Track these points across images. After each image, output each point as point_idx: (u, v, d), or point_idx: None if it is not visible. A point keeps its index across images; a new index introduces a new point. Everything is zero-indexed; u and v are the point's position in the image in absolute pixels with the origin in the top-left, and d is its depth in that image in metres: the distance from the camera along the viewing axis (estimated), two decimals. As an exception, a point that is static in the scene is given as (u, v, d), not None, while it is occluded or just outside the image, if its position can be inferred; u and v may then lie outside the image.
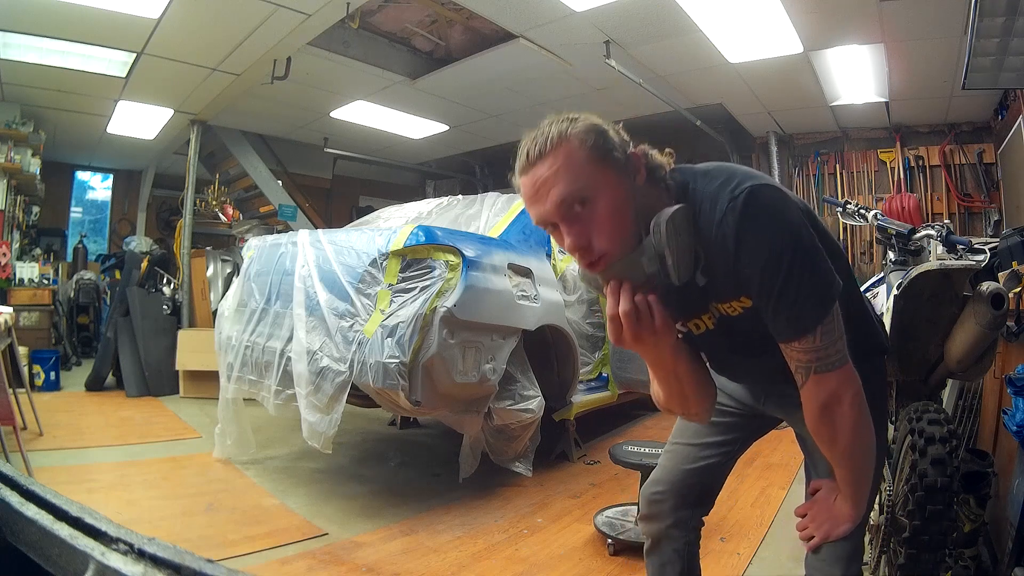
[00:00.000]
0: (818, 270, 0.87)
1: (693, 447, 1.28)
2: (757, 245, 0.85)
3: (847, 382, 0.91)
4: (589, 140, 0.86)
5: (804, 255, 0.86)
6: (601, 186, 0.85)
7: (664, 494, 1.28)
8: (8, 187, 5.28)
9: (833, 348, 0.90)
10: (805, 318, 0.88)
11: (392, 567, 2.04)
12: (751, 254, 0.86)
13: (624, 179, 0.87)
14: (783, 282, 0.86)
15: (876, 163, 5.72)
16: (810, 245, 0.87)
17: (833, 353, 0.90)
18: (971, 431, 2.42)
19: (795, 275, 0.85)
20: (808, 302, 0.87)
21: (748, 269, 0.87)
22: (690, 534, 1.28)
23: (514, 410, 2.77)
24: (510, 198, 3.54)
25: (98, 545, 0.36)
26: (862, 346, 1.03)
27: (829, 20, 3.76)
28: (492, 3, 3.82)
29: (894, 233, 1.93)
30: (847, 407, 0.91)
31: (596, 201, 0.85)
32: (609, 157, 0.86)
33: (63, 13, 3.64)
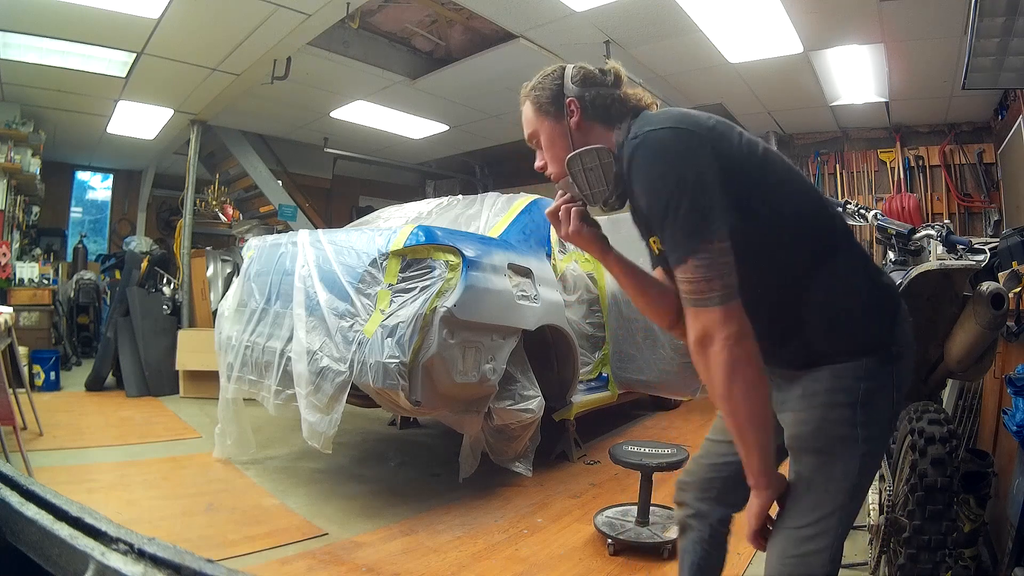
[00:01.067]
0: (696, 205, 0.92)
1: (717, 443, 1.28)
2: (639, 180, 0.98)
3: (720, 323, 0.91)
4: (532, 96, 1.14)
5: (680, 189, 0.92)
6: (542, 129, 1.13)
7: (687, 484, 1.30)
8: (8, 187, 5.28)
9: (709, 284, 0.91)
10: (678, 247, 0.94)
11: (392, 567, 2.04)
12: (637, 188, 1.00)
13: (559, 123, 1.11)
14: (661, 212, 0.95)
15: (876, 163, 5.72)
16: (692, 181, 0.93)
17: (708, 290, 0.91)
18: (971, 431, 2.42)
19: (671, 207, 0.93)
20: (680, 232, 0.93)
21: (638, 201, 1.03)
22: (710, 528, 1.27)
23: (514, 410, 2.77)
24: (510, 198, 3.54)
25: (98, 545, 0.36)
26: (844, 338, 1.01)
27: (829, 20, 3.76)
28: (492, 3, 3.82)
29: (894, 233, 1.93)
30: (718, 348, 0.91)
31: (540, 138, 1.14)
32: (544, 107, 1.12)
33: (63, 13, 3.64)
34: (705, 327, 0.92)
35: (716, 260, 0.91)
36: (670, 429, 4.18)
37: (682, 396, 4.01)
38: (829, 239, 1.04)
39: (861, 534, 2.19)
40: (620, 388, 3.70)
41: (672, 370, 3.44)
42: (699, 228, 0.92)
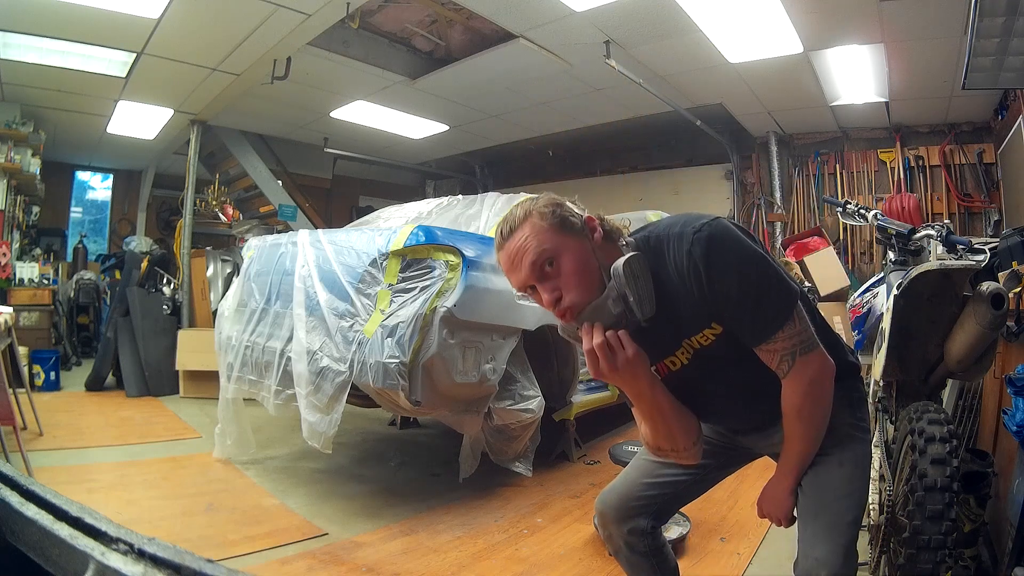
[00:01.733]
0: (780, 274, 1.05)
1: (656, 464, 1.34)
2: (726, 265, 1.01)
3: (827, 360, 1.08)
4: (548, 212, 1.04)
5: (766, 265, 1.03)
6: (563, 248, 1.03)
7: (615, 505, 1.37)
8: (8, 187, 5.28)
9: (808, 332, 1.06)
10: (784, 310, 1.04)
11: (392, 567, 2.04)
12: (722, 273, 1.01)
13: (582, 240, 1.05)
14: (757, 287, 1.02)
15: (876, 163, 5.72)
16: (768, 259, 1.05)
17: (810, 337, 1.06)
18: (971, 431, 2.42)
19: (765, 280, 1.02)
20: (781, 296, 1.04)
21: (721, 286, 1.02)
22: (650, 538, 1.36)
23: (514, 410, 2.77)
24: (510, 198, 3.54)
25: (98, 545, 0.36)
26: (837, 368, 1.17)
27: (829, 20, 3.76)
28: (492, 3, 3.82)
29: (894, 233, 1.92)
30: (828, 383, 1.09)
31: (561, 260, 1.02)
32: (566, 223, 1.04)
33: (63, 13, 3.64)
34: (819, 367, 1.07)
35: (807, 317, 1.07)
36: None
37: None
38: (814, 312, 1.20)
39: (861, 534, 2.19)
40: (620, 388, 3.70)
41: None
42: (792, 292, 1.05)
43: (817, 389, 1.07)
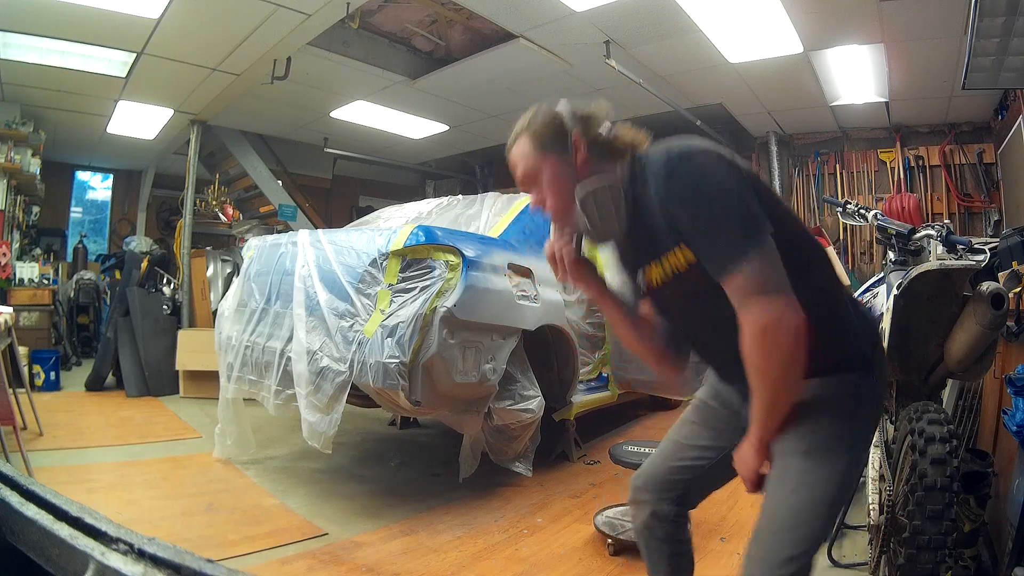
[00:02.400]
0: (749, 209, 0.97)
1: (680, 446, 1.34)
2: (683, 190, 1.00)
3: (787, 309, 0.94)
4: (539, 131, 1.14)
5: (728, 197, 0.97)
6: (544, 166, 1.12)
7: (642, 485, 1.35)
8: (8, 187, 5.28)
9: (772, 275, 0.96)
10: (740, 244, 0.96)
11: (392, 567, 2.04)
12: (682, 195, 1.00)
13: (562, 160, 1.11)
14: (711, 217, 0.98)
15: (876, 163, 5.72)
16: (737, 188, 0.98)
17: (774, 279, 0.95)
18: (971, 431, 2.42)
19: (722, 211, 0.97)
20: (739, 230, 0.96)
21: (675, 210, 1.01)
22: (671, 526, 1.33)
23: (514, 410, 2.77)
24: (510, 198, 3.54)
25: (98, 545, 0.36)
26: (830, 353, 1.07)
27: (829, 20, 3.76)
28: (492, 3, 3.82)
29: (894, 233, 1.93)
30: (785, 336, 0.94)
31: (540, 178, 1.13)
32: (554, 142, 1.12)
33: (63, 13, 3.64)
34: (773, 313, 0.95)
35: (773, 257, 0.96)
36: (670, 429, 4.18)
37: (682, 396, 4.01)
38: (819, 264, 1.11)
39: (861, 534, 2.19)
40: (620, 388, 3.70)
41: (672, 370, 3.44)
42: (756, 228, 0.97)
43: (769, 339, 0.96)
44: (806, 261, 1.07)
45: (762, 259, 0.96)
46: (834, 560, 2.07)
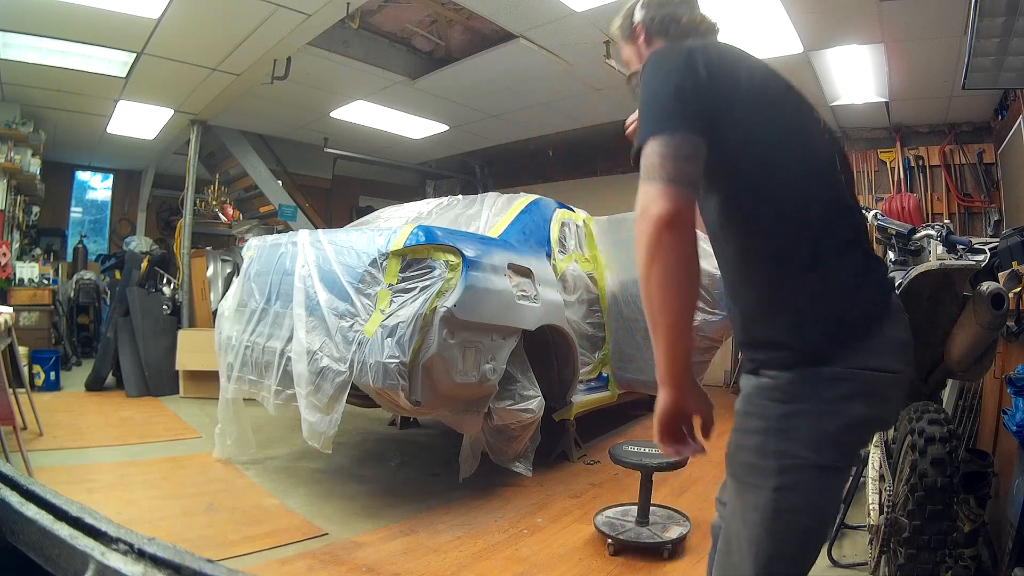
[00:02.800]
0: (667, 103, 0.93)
1: None
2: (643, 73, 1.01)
3: (656, 198, 0.85)
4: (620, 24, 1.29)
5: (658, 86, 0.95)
6: (624, 54, 1.29)
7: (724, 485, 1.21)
8: (8, 187, 5.28)
9: (661, 163, 0.87)
10: (644, 130, 0.92)
11: (392, 567, 2.04)
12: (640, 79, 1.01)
13: (632, 42, 1.25)
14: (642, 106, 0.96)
15: (876, 163, 5.72)
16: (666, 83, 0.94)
17: (659, 167, 0.87)
18: (971, 431, 2.42)
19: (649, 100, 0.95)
20: (650, 118, 0.93)
21: None
22: None
23: (514, 410, 2.77)
24: (510, 198, 3.54)
25: (98, 545, 0.36)
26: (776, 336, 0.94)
27: (829, 20, 3.75)
28: (492, 3, 3.82)
29: (894, 233, 1.93)
30: (646, 224, 0.85)
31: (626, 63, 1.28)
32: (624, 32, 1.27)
33: (63, 13, 3.64)
34: (643, 201, 0.87)
35: (673, 150, 0.87)
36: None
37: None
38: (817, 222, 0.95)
39: (861, 534, 2.19)
40: (620, 388, 3.70)
41: (672, 370, 3.44)
42: (665, 118, 0.91)
43: (638, 226, 0.87)
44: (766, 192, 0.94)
45: (657, 147, 0.88)
46: (834, 560, 2.07)
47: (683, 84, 0.93)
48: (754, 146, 0.94)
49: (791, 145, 0.97)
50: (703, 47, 0.99)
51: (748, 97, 0.95)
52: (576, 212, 3.84)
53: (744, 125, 0.94)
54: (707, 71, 0.93)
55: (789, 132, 0.98)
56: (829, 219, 0.95)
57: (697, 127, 0.89)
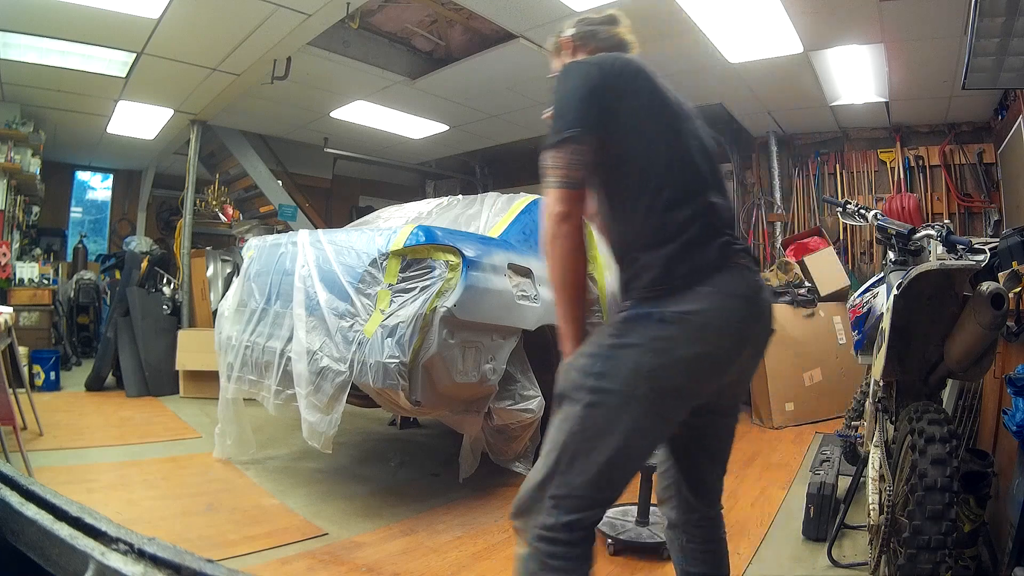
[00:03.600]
0: (566, 116, 1.13)
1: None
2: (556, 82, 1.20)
3: (552, 201, 1.11)
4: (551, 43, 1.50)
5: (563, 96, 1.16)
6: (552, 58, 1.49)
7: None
8: (8, 187, 5.28)
9: (554, 171, 1.11)
10: (548, 140, 1.13)
11: (392, 567, 2.04)
12: None
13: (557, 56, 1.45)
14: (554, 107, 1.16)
15: (876, 163, 5.72)
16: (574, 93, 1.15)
17: (552, 175, 1.11)
18: (971, 431, 2.42)
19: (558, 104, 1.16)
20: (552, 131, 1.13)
21: None
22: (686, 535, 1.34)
23: (514, 410, 2.77)
24: (510, 198, 3.53)
25: (98, 545, 0.36)
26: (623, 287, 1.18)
27: (829, 20, 3.76)
28: (492, 3, 3.82)
29: (894, 233, 1.93)
30: (546, 222, 1.11)
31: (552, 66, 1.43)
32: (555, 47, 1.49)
33: (63, 13, 3.64)
34: (545, 203, 1.12)
35: (567, 156, 1.10)
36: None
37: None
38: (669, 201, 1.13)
39: (861, 534, 2.19)
40: (620, 388, 3.69)
41: (672, 370, 3.44)
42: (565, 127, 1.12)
43: (542, 222, 1.13)
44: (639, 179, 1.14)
45: (554, 156, 1.11)
46: (834, 560, 2.07)
47: (582, 93, 1.14)
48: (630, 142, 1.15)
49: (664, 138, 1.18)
50: (604, 60, 1.22)
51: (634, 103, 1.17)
52: (576, 212, 3.83)
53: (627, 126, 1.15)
54: (602, 81, 1.16)
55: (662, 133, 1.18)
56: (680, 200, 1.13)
57: (590, 131, 1.11)
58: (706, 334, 1.06)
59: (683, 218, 1.11)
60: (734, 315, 1.08)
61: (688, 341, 1.05)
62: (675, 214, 1.11)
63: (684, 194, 1.13)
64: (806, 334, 4.41)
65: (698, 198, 1.14)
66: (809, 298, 4.51)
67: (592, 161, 1.11)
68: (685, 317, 1.05)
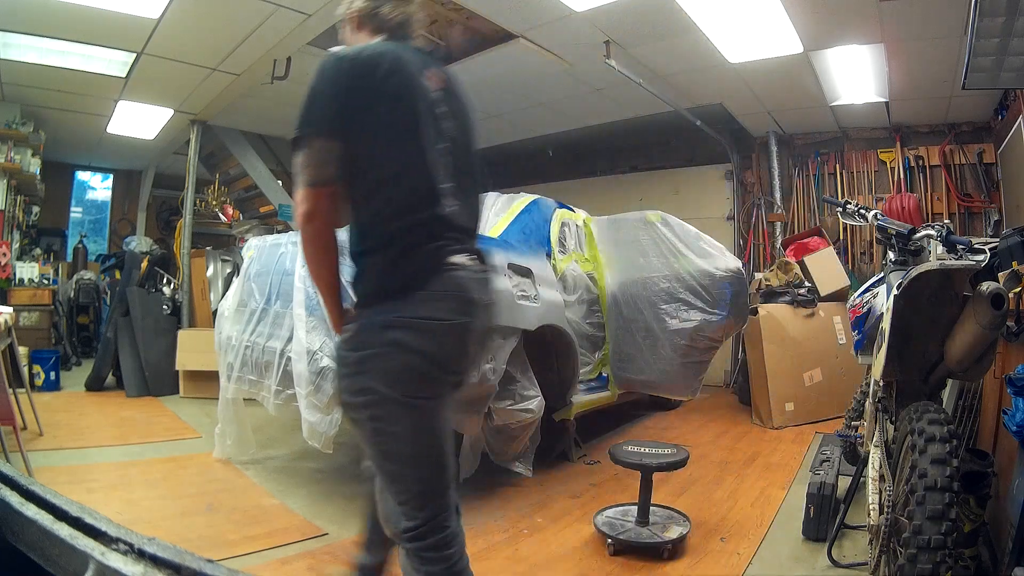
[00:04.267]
0: (312, 113, 1.17)
1: None
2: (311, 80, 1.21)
3: (301, 199, 1.16)
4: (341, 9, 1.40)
5: (312, 94, 1.18)
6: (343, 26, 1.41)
7: None
8: (8, 187, 5.28)
9: (303, 169, 1.15)
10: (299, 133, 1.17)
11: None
12: None
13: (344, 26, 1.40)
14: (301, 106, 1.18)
15: (876, 163, 5.71)
16: (322, 92, 1.18)
17: (301, 173, 1.15)
18: (971, 431, 2.42)
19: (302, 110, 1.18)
20: (297, 127, 1.17)
21: None
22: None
23: (514, 410, 2.77)
24: (510, 198, 3.54)
25: (98, 545, 0.36)
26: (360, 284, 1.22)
27: (829, 20, 3.76)
28: (492, 3, 3.82)
29: (894, 233, 1.93)
30: (297, 218, 1.17)
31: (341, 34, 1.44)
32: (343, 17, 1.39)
33: (63, 13, 3.64)
34: (296, 199, 1.17)
35: (313, 154, 1.15)
36: (670, 429, 4.18)
37: (682, 396, 4.01)
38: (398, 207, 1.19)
39: (861, 534, 2.19)
40: (620, 388, 3.70)
41: (672, 370, 3.44)
42: (311, 123, 1.17)
43: (300, 227, 1.17)
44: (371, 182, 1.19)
45: (302, 155, 1.15)
46: (834, 560, 2.07)
47: (329, 92, 1.18)
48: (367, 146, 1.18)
49: (400, 143, 1.21)
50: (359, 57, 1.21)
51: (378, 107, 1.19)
52: (576, 212, 3.84)
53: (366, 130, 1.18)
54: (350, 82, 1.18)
55: (403, 133, 1.21)
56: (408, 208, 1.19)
57: (332, 131, 1.15)
58: (428, 333, 1.16)
59: (407, 225, 1.18)
60: (450, 314, 1.18)
61: (417, 341, 1.15)
62: (400, 222, 1.18)
63: (412, 202, 1.19)
64: (806, 334, 4.41)
65: (427, 207, 1.20)
66: (809, 298, 4.52)
67: (339, 159, 1.16)
68: (410, 321, 1.15)
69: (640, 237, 3.62)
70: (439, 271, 1.19)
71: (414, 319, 1.15)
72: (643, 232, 3.62)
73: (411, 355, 1.14)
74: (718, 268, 3.39)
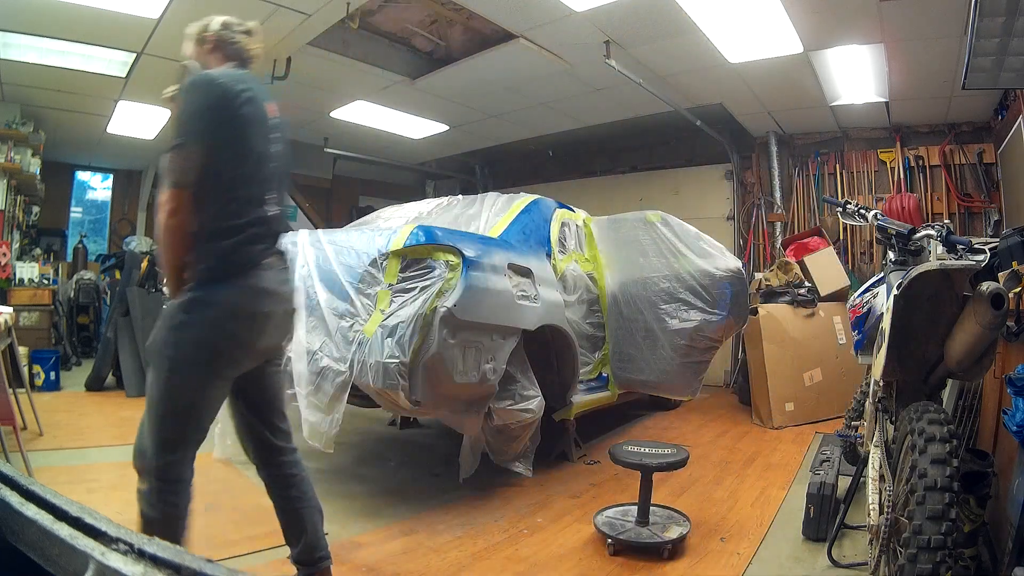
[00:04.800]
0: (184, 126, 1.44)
1: None
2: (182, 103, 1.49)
3: (165, 199, 1.42)
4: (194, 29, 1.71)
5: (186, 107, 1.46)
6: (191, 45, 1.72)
7: None
8: (8, 187, 5.28)
9: (171, 173, 1.41)
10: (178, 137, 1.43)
11: (392, 567, 2.04)
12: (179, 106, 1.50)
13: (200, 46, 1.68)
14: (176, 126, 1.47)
15: (876, 163, 5.71)
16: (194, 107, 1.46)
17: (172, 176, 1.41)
18: (971, 431, 2.42)
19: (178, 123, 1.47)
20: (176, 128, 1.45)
21: None
22: None
23: (514, 410, 2.77)
24: (510, 198, 3.54)
25: (98, 545, 0.36)
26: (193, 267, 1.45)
27: (829, 20, 3.76)
28: (492, 3, 3.82)
29: (894, 233, 1.92)
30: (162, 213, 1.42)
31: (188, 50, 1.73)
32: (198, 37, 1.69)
33: (63, 13, 3.64)
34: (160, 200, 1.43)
35: (180, 161, 1.41)
36: (670, 429, 4.18)
37: (682, 396, 4.01)
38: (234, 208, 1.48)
39: (861, 534, 2.19)
40: (620, 388, 3.70)
41: (672, 370, 3.45)
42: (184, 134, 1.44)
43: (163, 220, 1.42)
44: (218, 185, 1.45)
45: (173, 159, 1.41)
46: (834, 560, 2.07)
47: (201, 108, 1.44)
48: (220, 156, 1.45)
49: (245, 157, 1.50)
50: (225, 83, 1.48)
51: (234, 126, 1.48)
52: (576, 212, 3.84)
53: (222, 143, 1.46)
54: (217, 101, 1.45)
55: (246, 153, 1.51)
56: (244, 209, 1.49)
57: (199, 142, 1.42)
58: (240, 315, 1.46)
59: (241, 224, 1.47)
60: (259, 302, 1.49)
61: (228, 319, 1.45)
62: (236, 220, 1.46)
63: (248, 205, 1.50)
64: (806, 334, 4.41)
65: (258, 210, 1.52)
66: (809, 298, 4.52)
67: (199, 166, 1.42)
68: (227, 301, 1.44)
69: (640, 237, 3.62)
70: (261, 266, 1.50)
71: (232, 300, 1.44)
72: (643, 232, 3.62)
73: (218, 331, 1.44)
74: (718, 268, 3.39)
